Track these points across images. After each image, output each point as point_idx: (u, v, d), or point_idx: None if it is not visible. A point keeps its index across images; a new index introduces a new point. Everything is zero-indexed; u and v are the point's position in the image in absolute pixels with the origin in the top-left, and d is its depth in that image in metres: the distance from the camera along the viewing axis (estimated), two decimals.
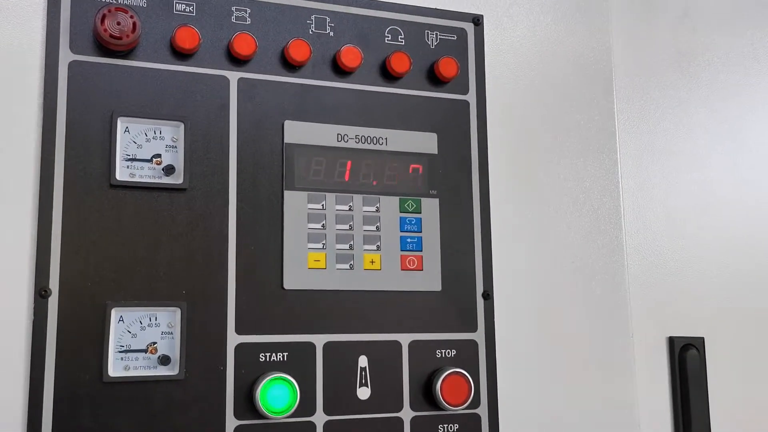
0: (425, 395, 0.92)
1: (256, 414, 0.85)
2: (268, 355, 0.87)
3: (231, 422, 0.84)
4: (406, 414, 0.91)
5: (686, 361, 1.07)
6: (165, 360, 0.83)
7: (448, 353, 0.94)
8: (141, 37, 0.86)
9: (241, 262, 0.87)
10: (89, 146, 0.84)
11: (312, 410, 0.88)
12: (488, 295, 0.97)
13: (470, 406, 0.93)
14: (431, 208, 0.97)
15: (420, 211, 0.96)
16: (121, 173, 0.84)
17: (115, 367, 0.81)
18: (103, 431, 0.80)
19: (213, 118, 0.89)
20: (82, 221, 0.82)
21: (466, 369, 0.93)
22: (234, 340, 0.86)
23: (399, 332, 0.93)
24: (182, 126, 0.87)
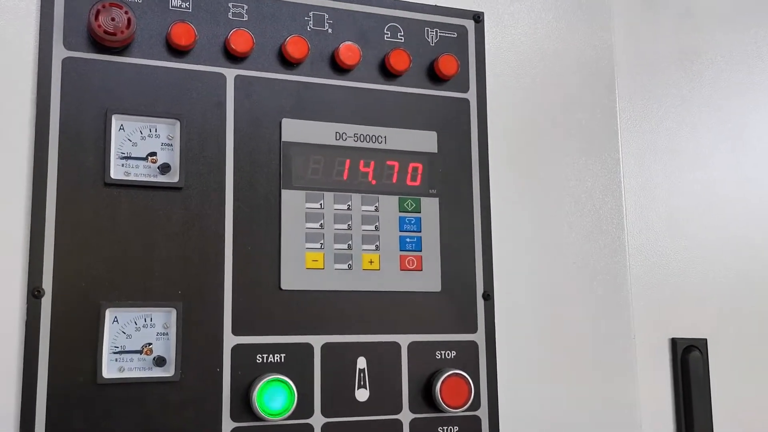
0: (425, 397, 0.91)
1: (253, 416, 0.84)
2: (265, 356, 0.86)
3: (227, 424, 0.83)
4: (406, 416, 0.90)
5: (689, 362, 1.06)
6: (160, 361, 0.82)
7: (448, 354, 0.93)
8: (136, 33, 0.86)
9: (237, 262, 0.86)
10: (83, 144, 0.83)
11: (310, 412, 0.87)
12: (488, 296, 0.96)
13: (470, 408, 0.92)
14: (431, 208, 0.96)
15: (419, 211, 0.95)
16: (116, 171, 0.83)
17: (110, 368, 0.80)
18: None
19: (209, 115, 0.88)
20: (76, 220, 0.81)
21: (466, 370, 0.92)
22: (231, 341, 0.85)
23: (398, 333, 0.92)
24: (178, 124, 0.86)
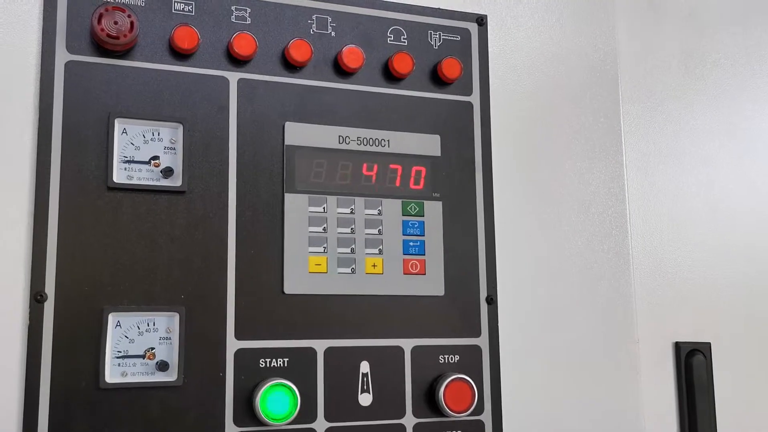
0: (428, 401, 0.91)
1: (256, 421, 0.83)
2: (268, 360, 0.85)
3: (230, 429, 0.83)
4: (409, 420, 0.90)
5: (692, 366, 1.06)
6: (163, 366, 0.81)
7: (452, 359, 0.93)
8: (139, 36, 0.85)
9: (240, 266, 0.86)
10: (86, 148, 0.82)
11: (313, 417, 0.86)
12: (492, 300, 0.96)
13: (474, 412, 0.92)
14: (434, 211, 0.95)
15: (423, 215, 0.95)
16: (119, 175, 0.83)
17: (112, 373, 0.80)
18: None
19: (212, 119, 0.88)
20: (78, 224, 0.81)
21: (470, 375, 0.92)
22: (233, 345, 0.84)
23: (401, 337, 0.91)
24: (181, 127, 0.86)
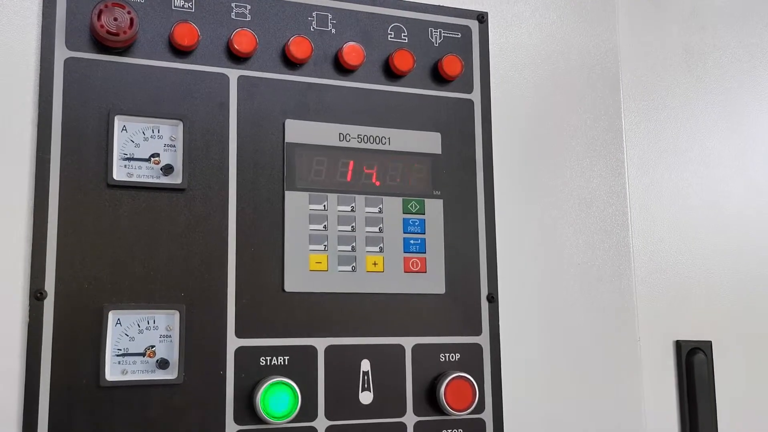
0: (429, 400, 0.91)
1: (257, 419, 0.83)
2: (268, 358, 0.85)
3: (231, 427, 0.83)
4: (410, 419, 0.90)
5: (693, 365, 1.06)
6: (163, 364, 0.81)
7: (452, 357, 0.93)
8: (138, 33, 0.85)
9: (241, 264, 0.86)
10: (86, 145, 0.82)
11: (314, 415, 0.86)
12: (493, 298, 0.96)
13: (475, 410, 0.92)
14: (435, 209, 0.95)
15: (423, 212, 0.95)
16: (119, 173, 0.83)
17: (113, 371, 0.80)
18: None
19: (212, 116, 0.88)
20: (78, 222, 0.81)
21: (471, 373, 0.92)
22: (234, 343, 0.84)
23: (402, 336, 0.91)
24: (181, 125, 0.86)
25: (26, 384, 0.77)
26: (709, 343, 1.08)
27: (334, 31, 0.95)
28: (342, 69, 0.94)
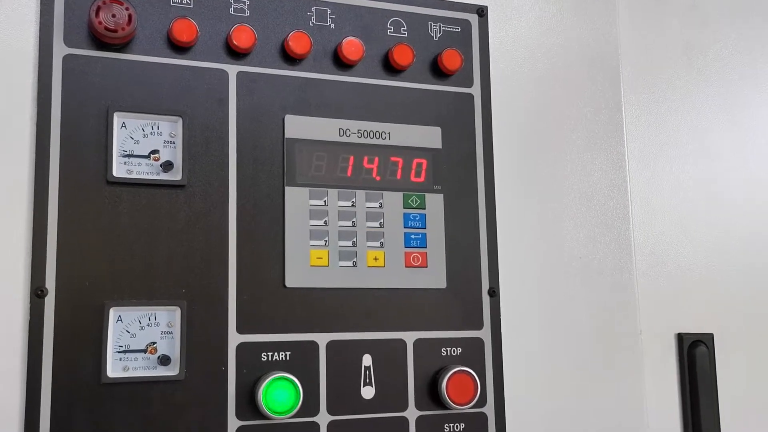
0: (430, 394, 0.91)
1: (259, 415, 0.83)
2: (270, 354, 0.85)
3: (233, 423, 0.83)
4: (411, 413, 0.90)
5: (695, 357, 1.06)
6: (165, 360, 0.81)
7: (454, 351, 0.93)
8: (137, 29, 0.85)
9: (241, 260, 0.86)
10: (85, 142, 0.82)
11: (315, 410, 0.86)
12: (494, 292, 0.96)
13: (476, 405, 0.92)
14: (436, 204, 0.95)
15: (424, 207, 0.95)
16: (118, 170, 0.83)
17: (114, 367, 0.80)
18: None
19: (212, 112, 0.87)
20: (78, 219, 0.81)
21: (472, 367, 0.92)
22: (235, 339, 0.84)
23: (403, 330, 0.91)
24: (180, 121, 0.86)
25: (28, 381, 0.77)
26: (710, 336, 1.08)
27: (333, 26, 0.94)
28: (341, 64, 0.94)
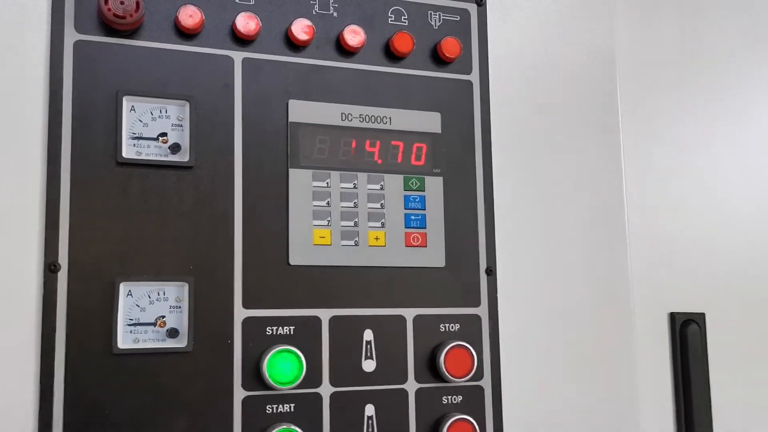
0: (429, 367, 0.93)
1: (264, 385, 0.85)
2: (274, 328, 0.88)
3: (239, 393, 0.85)
4: (411, 386, 0.92)
5: (687, 336, 1.07)
6: (174, 333, 0.84)
7: (452, 327, 0.95)
8: (145, 16, 0.87)
9: (247, 239, 0.88)
10: (95, 125, 0.84)
11: (318, 382, 0.89)
12: (491, 271, 0.98)
13: (473, 378, 0.94)
14: (435, 186, 0.97)
15: (424, 189, 0.97)
16: (128, 151, 0.85)
17: (125, 339, 0.82)
18: (114, 402, 0.81)
19: (218, 97, 0.89)
20: (89, 198, 0.83)
21: (470, 342, 0.94)
22: (241, 314, 0.87)
23: (403, 307, 0.93)
24: (188, 105, 0.88)
25: (42, 351, 0.79)
26: (702, 315, 1.09)
27: (335, 14, 0.96)
28: (343, 51, 0.96)
